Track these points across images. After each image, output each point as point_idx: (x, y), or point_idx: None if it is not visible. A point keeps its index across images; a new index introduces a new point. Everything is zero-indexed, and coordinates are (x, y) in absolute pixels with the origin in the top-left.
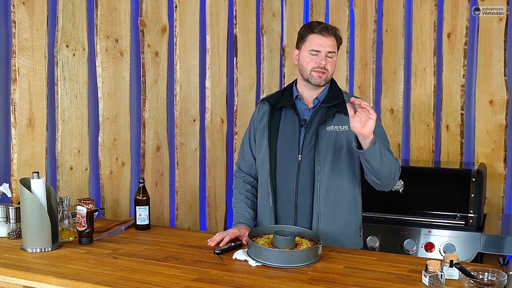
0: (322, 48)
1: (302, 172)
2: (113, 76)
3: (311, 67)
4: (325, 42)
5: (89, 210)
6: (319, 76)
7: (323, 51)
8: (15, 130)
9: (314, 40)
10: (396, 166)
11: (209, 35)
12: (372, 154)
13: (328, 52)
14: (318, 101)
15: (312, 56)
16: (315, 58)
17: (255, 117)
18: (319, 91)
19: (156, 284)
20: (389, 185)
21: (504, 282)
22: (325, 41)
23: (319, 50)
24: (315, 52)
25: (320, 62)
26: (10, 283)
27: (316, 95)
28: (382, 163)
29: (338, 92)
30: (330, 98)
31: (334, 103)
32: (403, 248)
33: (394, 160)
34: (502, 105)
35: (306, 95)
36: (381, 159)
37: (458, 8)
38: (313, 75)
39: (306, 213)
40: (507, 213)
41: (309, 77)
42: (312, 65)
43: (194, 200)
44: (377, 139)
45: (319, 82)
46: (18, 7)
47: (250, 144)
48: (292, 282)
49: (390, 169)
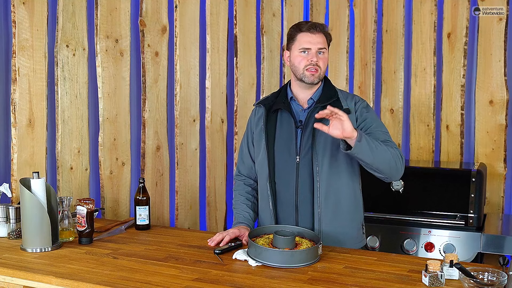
0: (312, 45)
1: (301, 174)
2: (113, 76)
3: (303, 66)
4: (314, 39)
5: (89, 210)
6: (312, 74)
7: (313, 48)
8: (15, 130)
9: (303, 38)
10: (395, 156)
11: (209, 35)
12: (360, 151)
13: (318, 48)
14: (312, 102)
15: (303, 54)
16: (306, 56)
17: (251, 121)
18: (313, 90)
19: (156, 284)
20: (393, 176)
21: (504, 282)
22: (314, 38)
23: (309, 48)
24: (306, 50)
25: (312, 59)
26: (10, 283)
27: (310, 95)
28: (375, 156)
29: (332, 90)
30: (324, 98)
31: (329, 102)
32: (403, 248)
33: (391, 151)
34: (502, 105)
35: (300, 96)
36: (373, 153)
37: (458, 8)
38: (306, 74)
39: (307, 215)
40: (507, 213)
41: (302, 76)
42: (304, 63)
43: (194, 200)
44: (362, 136)
45: (312, 80)
46: (18, 7)
47: (249, 148)
48: (292, 282)
49: (386, 161)
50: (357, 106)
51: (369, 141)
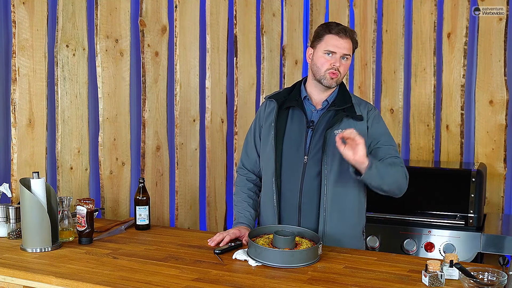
0: (338, 49)
1: (307, 174)
2: (113, 76)
3: (325, 68)
4: (341, 44)
5: (89, 210)
6: (332, 78)
7: (339, 52)
8: (15, 130)
9: (330, 41)
10: (402, 177)
11: (209, 35)
12: (370, 178)
13: (343, 54)
14: (327, 103)
15: (328, 57)
16: (330, 59)
17: (261, 114)
18: (329, 93)
19: (156, 284)
20: (396, 195)
21: (504, 282)
22: (342, 43)
23: (334, 51)
24: (331, 53)
25: (335, 64)
26: (10, 283)
27: (326, 97)
28: (384, 182)
29: (347, 96)
30: (340, 102)
31: (343, 107)
32: (403, 248)
33: (399, 173)
34: (502, 105)
35: (315, 96)
36: (382, 179)
37: (458, 8)
38: (326, 76)
39: (311, 215)
40: (507, 213)
41: (321, 78)
42: (327, 66)
43: (194, 200)
44: (373, 164)
45: (331, 84)
46: (18, 7)
47: (255, 141)
48: (292, 282)
49: (394, 185)
50: (369, 114)
51: (379, 168)
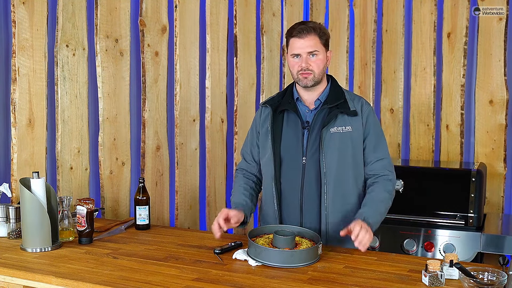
0: (301, 50)
1: (307, 175)
2: (113, 76)
3: (296, 71)
4: (303, 44)
5: (89, 210)
6: (305, 78)
7: (303, 53)
8: (15, 130)
9: (293, 44)
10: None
11: (209, 35)
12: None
13: (308, 53)
14: (319, 102)
15: (295, 60)
16: (297, 61)
17: (257, 121)
18: (319, 92)
19: (156, 284)
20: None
21: (504, 282)
22: (303, 42)
23: (298, 53)
24: (296, 55)
25: (301, 65)
26: (10, 283)
27: (317, 97)
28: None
29: (339, 92)
30: (332, 99)
31: (336, 104)
32: (403, 248)
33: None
34: (502, 105)
35: (305, 97)
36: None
37: (458, 8)
38: (299, 77)
39: (313, 216)
40: (507, 213)
41: (297, 80)
42: (296, 68)
43: (194, 200)
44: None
45: (306, 83)
46: (18, 7)
47: (252, 148)
48: (292, 282)
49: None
50: (364, 110)
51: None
